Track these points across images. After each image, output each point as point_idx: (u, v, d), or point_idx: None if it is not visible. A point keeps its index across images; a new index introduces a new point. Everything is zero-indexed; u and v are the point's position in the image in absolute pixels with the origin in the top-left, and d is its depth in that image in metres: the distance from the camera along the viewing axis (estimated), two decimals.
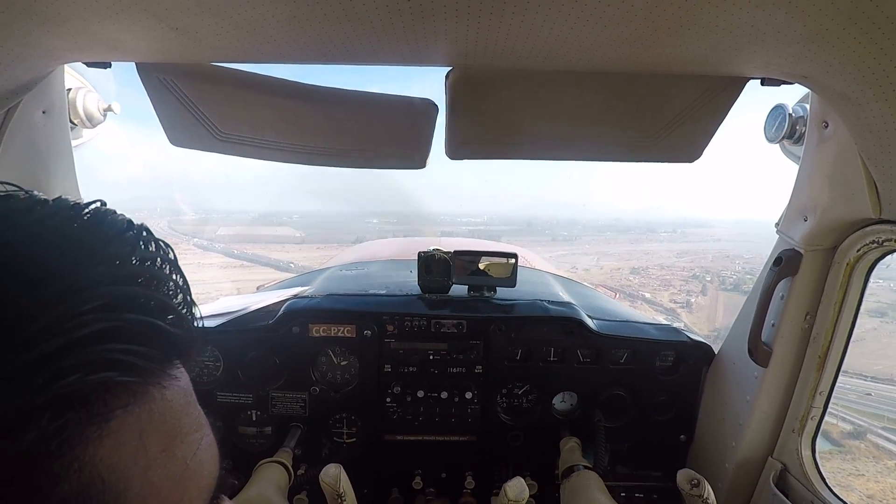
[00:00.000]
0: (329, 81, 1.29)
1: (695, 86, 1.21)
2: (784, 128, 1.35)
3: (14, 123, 1.17)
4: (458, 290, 1.87)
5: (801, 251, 1.33)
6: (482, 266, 1.81)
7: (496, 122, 1.35)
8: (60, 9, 0.87)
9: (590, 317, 1.78)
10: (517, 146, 1.43)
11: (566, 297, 1.92)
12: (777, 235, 1.44)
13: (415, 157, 1.49)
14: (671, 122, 1.31)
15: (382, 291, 1.88)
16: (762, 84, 1.16)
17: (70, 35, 0.98)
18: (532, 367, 1.75)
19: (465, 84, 1.21)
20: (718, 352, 1.73)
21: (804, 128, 1.31)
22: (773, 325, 1.41)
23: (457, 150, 1.44)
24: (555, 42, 0.96)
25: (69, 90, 1.38)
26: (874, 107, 0.94)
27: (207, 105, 1.33)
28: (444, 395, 1.74)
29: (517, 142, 1.42)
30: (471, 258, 1.81)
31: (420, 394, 1.74)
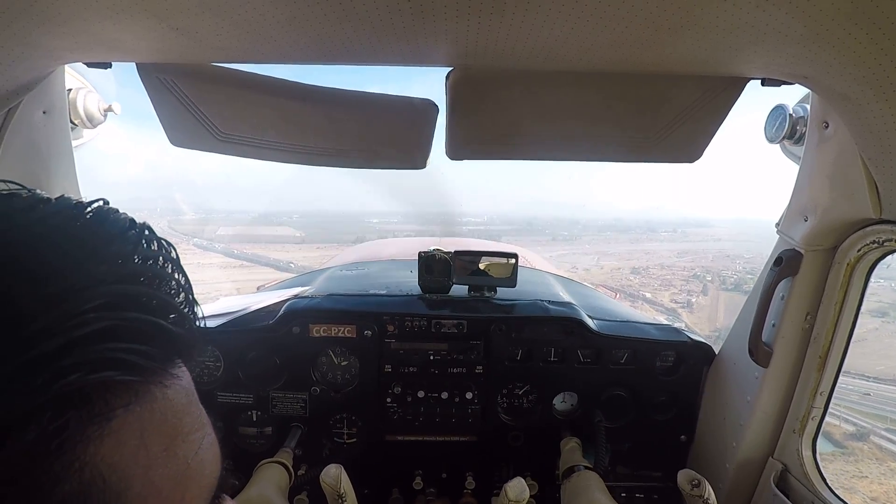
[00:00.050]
0: (329, 82, 1.29)
1: (695, 86, 1.21)
2: (784, 128, 1.34)
3: (14, 124, 1.17)
4: (459, 291, 1.87)
5: (802, 251, 1.33)
6: (482, 266, 1.81)
7: (496, 123, 1.35)
8: (61, 9, 0.87)
9: (590, 317, 1.78)
10: (517, 146, 1.43)
11: (566, 298, 1.92)
12: (777, 235, 1.44)
13: (415, 158, 1.49)
14: (671, 123, 1.30)
15: (383, 291, 1.88)
16: (762, 84, 1.16)
17: (70, 35, 0.98)
18: (532, 368, 1.75)
19: (466, 84, 1.21)
20: (719, 352, 1.73)
21: (804, 128, 1.31)
22: (774, 326, 1.41)
23: (457, 151, 1.44)
24: (555, 42, 0.96)
25: (69, 90, 1.38)
26: (874, 107, 0.94)
27: (208, 105, 1.33)
28: (445, 396, 1.74)
29: (517, 142, 1.41)
30: (471, 258, 1.81)
31: (420, 394, 1.74)
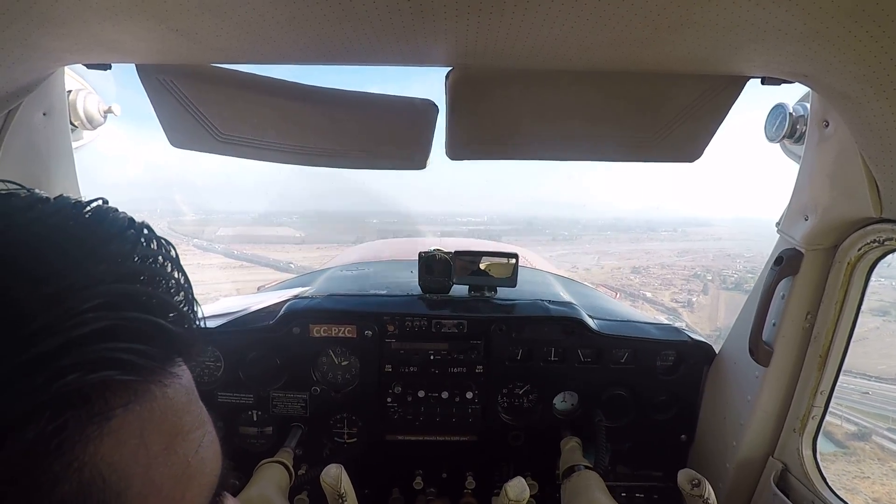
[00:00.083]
0: (329, 82, 1.29)
1: (695, 85, 1.21)
2: (784, 127, 1.34)
3: (14, 126, 1.17)
4: (459, 290, 1.87)
5: (802, 250, 1.33)
6: (483, 266, 1.81)
7: (496, 123, 1.35)
8: (60, 10, 0.87)
9: (590, 316, 1.78)
10: (517, 146, 1.43)
11: (567, 297, 1.92)
12: (778, 235, 1.44)
13: (415, 158, 1.49)
14: (671, 122, 1.30)
15: (383, 292, 1.88)
16: (762, 83, 1.16)
17: (70, 37, 0.98)
18: (533, 367, 1.75)
19: (466, 84, 1.21)
20: (719, 351, 1.73)
21: (805, 127, 1.31)
22: (774, 325, 1.41)
23: (457, 151, 1.44)
24: (555, 41, 0.96)
25: (69, 92, 1.38)
26: (875, 106, 0.94)
27: (207, 106, 1.33)
28: (445, 395, 1.74)
29: (517, 142, 1.41)
30: (471, 258, 1.81)
31: (421, 394, 1.74)
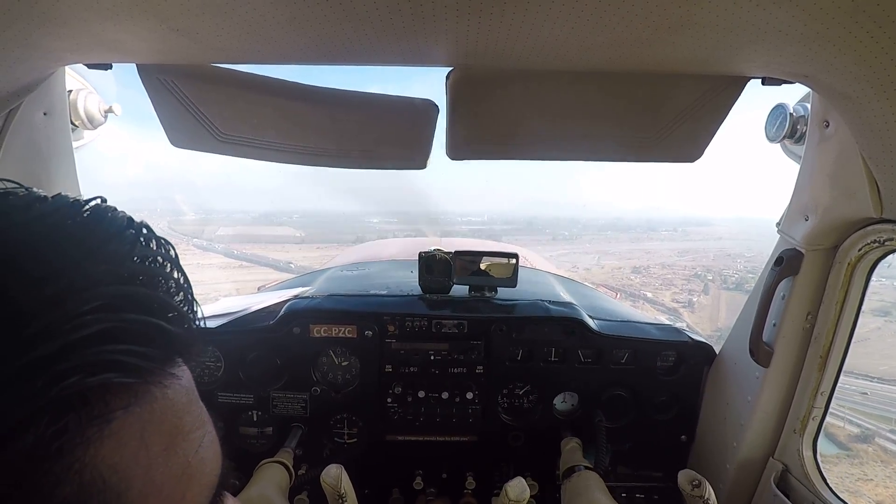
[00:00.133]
0: (329, 82, 1.29)
1: (695, 85, 1.21)
2: (785, 127, 1.34)
3: (15, 125, 1.17)
4: (459, 291, 1.87)
5: (803, 251, 1.33)
6: (483, 266, 1.81)
7: (497, 123, 1.35)
8: (61, 10, 0.87)
9: (591, 317, 1.78)
10: (518, 146, 1.43)
11: (567, 298, 1.92)
12: (778, 235, 1.44)
13: (416, 158, 1.49)
14: (672, 122, 1.30)
15: (383, 292, 1.88)
16: (763, 83, 1.16)
17: (70, 36, 0.98)
18: (533, 368, 1.75)
19: (466, 84, 1.21)
20: (719, 352, 1.72)
21: (805, 127, 1.31)
22: (775, 325, 1.41)
23: (457, 151, 1.44)
24: (555, 42, 0.96)
25: (70, 92, 1.38)
26: (875, 106, 0.94)
27: (208, 106, 1.33)
28: (445, 396, 1.74)
29: (518, 142, 1.41)
30: (472, 258, 1.81)
31: (421, 394, 1.74)
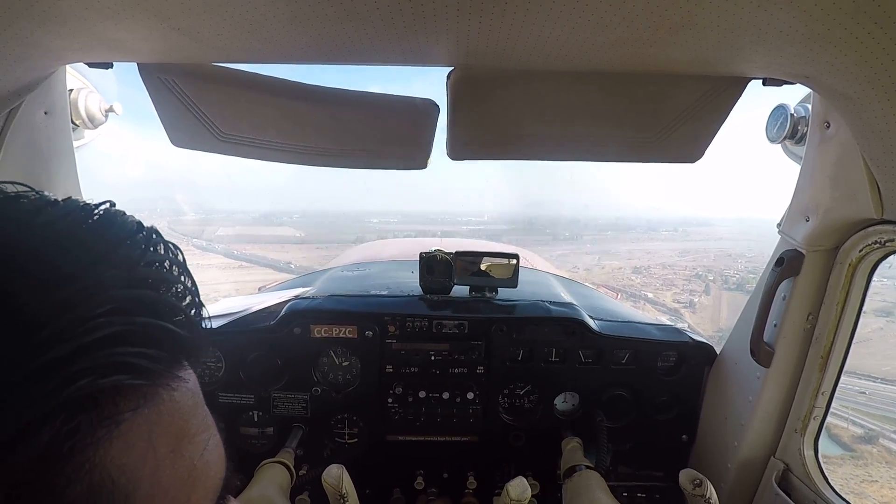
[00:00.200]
0: (330, 81, 1.29)
1: (696, 86, 1.21)
2: (786, 128, 1.34)
3: (16, 124, 1.17)
4: (460, 291, 1.87)
5: (803, 252, 1.33)
6: (484, 267, 1.81)
7: (497, 123, 1.35)
8: (62, 9, 0.87)
9: (591, 317, 1.78)
10: (518, 146, 1.43)
11: (568, 298, 1.92)
12: (779, 236, 1.44)
13: (416, 158, 1.49)
14: (673, 123, 1.30)
15: (384, 292, 1.88)
16: (764, 84, 1.16)
17: (71, 35, 0.98)
18: (534, 368, 1.75)
19: (467, 84, 1.21)
20: (720, 352, 1.73)
21: (806, 128, 1.31)
22: (776, 326, 1.41)
23: (458, 151, 1.44)
24: (556, 42, 0.95)
25: (71, 91, 1.38)
26: (876, 107, 0.94)
27: (209, 105, 1.33)
28: (446, 396, 1.74)
29: (518, 142, 1.41)
30: (472, 259, 1.81)
31: (422, 394, 1.74)
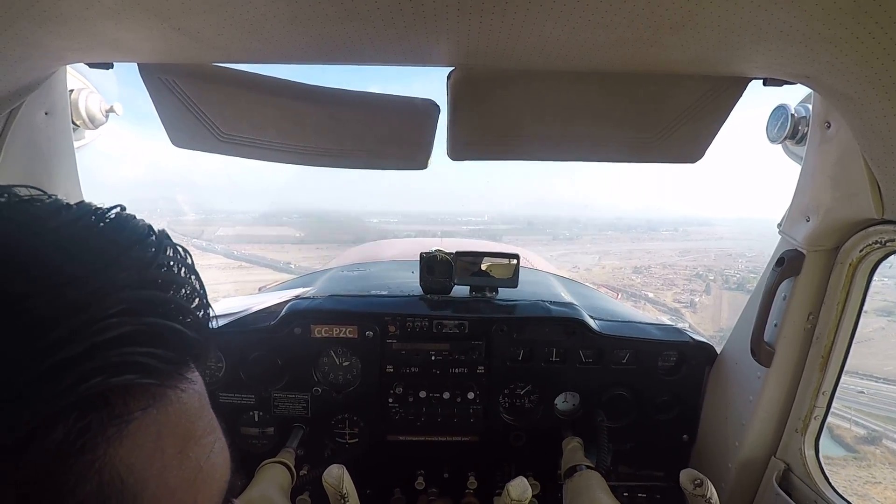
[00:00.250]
0: (330, 81, 1.29)
1: (697, 86, 1.21)
2: (786, 128, 1.34)
3: (16, 125, 1.17)
4: (460, 291, 1.87)
5: (804, 251, 1.33)
6: (484, 267, 1.81)
7: (497, 123, 1.35)
8: (62, 9, 0.87)
9: (592, 317, 1.78)
10: (519, 147, 1.43)
11: (568, 298, 1.92)
12: (779, 236, 1.44)
13: (416, 158, 1.49)
14: (673, 123, 1.30)
15: (384, 292, 1.88)
16: (764, 84, 1.16)
17: (72, 35, 0.98)
18: (534, 368, 1.75)
19: (467, 84, 1.21)
20: (721, 352, 1.73)
21: (806, 128, 1.30)
22: (776, 326, 1.41)
23: (458, 151, 1.44)
24: (557, 42, 0.95)
25: (71, 91, 1.38)
26: (877, 107, 0.94)
27: (209, 106, 1.33)
28: (447, 396, 1.74)
29: (519, 142, 1.41)
30: (473, 259, 1.81)
31: (422, 394, 1.74)
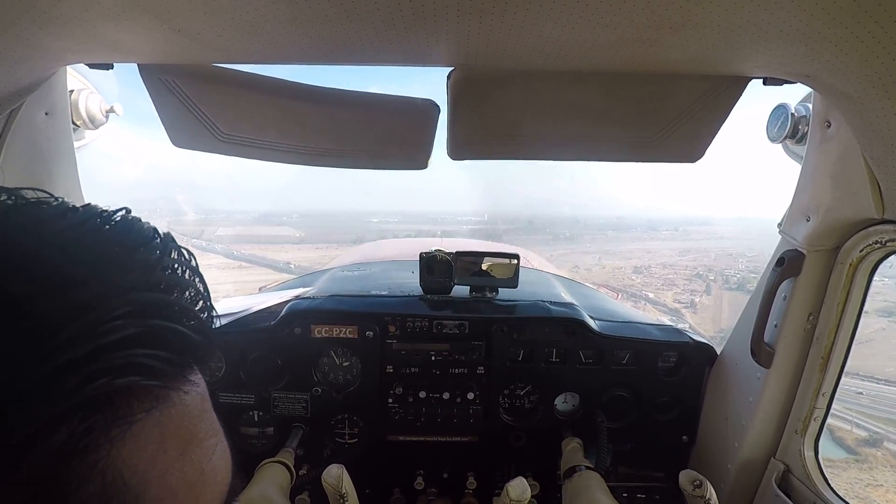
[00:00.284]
0: (330, 82, 1.29)
1: (696, 85, 1.21)
2: (786, 128, 1.34)
3: (17, 125, 1.17)
4: (460, 291, 1.87)
5: (804, 251, 1.33)
6: (484, 267, 1.81)
7: (497, 123, 1.35)
8: (62, 10, 0.87)
9: (592, 317, 1.78)
10: (519, 146, 1.43)
11: (568, 298, 1.91)
12: (779, 236, 1.44)
13: (417, 158, 1.49)
14: (673, 122, 1.30)
15: (384, 292, 1.88)
16: (764, 84, 1.16)
17: (72, 36, 0.98)
18: (534, 368, 1.75)
19: (467, 84, 1.21)
20: (721, 352, 1.72)
21: (807, 127, 1.30)
22: (776, 326, 1.41)
23: (458, 151, 1.44)
24: (556, 42, 0.95)
25: (71, 92, 1.38)
26: (877, 106, 0.94)
27: (209, 106, 1.33)
28: (447, 396, 1.74)
29: (519, 142, 1.41)
30: (473, 259, 1.81)
31: (422, 394, 1.74)
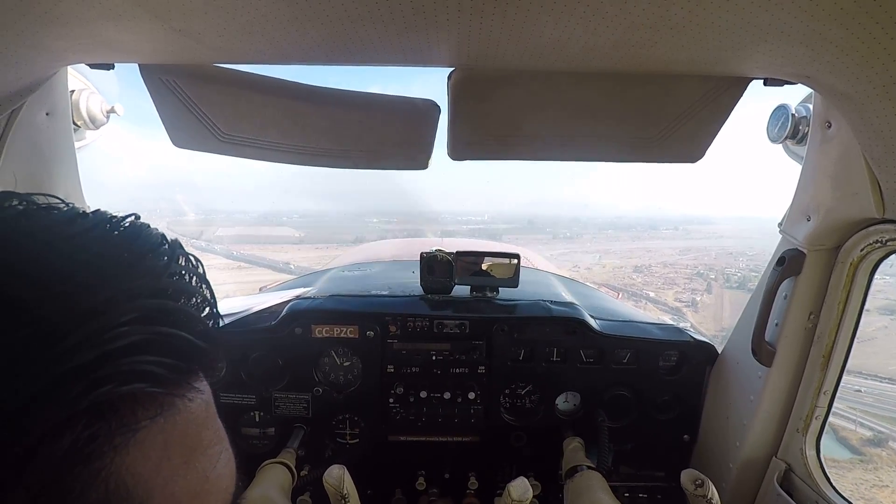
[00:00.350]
0: (331, 82, 1.29)
1: (697, 86, 1.21)
2: (787, 128, 1.34)
3: (18, 125, 1.17)
4: (461, 291, 1.87)
5: (805, 251, 1.33)
6: (485, 266, 1.81)
7: (498, 123, 1.35)
8: (63, 10, 0.87)
9: (592, 317, 1.78)
10: (519, 147, 1.43)
11: (569, 298, 1.91)
12: (780, 235, 1.44)
13: (417, 158, 1.49)
14: (674, 123, 1.30)
15: (385, 292, 1.88)
16: (765, 84, 1.16)
17: (73, 36, 0.98)
18: (535, 368, 1.75)
19: (467, 85, 1.21)
20: (722, 351, 1.72)
21: (807, 128, 1.30)
22: (777, 325, 1.41)
23: (459, 151, 1.44)
24: (557, 43, 0.96)
25: (72, 92, 1.38)
26: (877, 106, 0.94)
27: (210, 106, 1.33)
28: (447, 396, 1.74)
29: (519, 142, 1.41)
30: (473, 259, 1.81)
31: (423, 394, 1.74)
